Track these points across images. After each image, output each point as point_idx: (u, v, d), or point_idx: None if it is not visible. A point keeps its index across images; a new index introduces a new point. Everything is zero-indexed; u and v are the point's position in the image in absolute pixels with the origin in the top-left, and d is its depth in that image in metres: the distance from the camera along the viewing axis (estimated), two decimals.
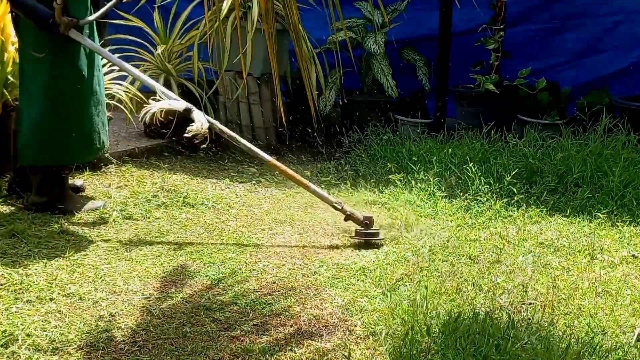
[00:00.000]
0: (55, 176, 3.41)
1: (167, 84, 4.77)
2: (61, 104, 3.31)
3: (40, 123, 3.30)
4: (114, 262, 2.84)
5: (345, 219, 3.17)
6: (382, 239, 3.16)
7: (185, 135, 2.96)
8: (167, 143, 4.76)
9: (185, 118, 4.88)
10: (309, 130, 4.82)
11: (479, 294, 2.57)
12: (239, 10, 2.84)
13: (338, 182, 4.11)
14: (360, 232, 3.14)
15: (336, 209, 3.17)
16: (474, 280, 2.69)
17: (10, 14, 3.30)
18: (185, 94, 4.94)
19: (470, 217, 3.48)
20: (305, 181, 3.26)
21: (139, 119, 3.23)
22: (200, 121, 3.00)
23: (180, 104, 3.11)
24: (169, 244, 3.08)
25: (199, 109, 4.86)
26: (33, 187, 3.42)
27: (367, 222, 3.14)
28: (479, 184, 3.75)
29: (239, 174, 4.27)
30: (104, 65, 3.79)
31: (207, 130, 2.98)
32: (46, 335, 2.23)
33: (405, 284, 2.66)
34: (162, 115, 4.18)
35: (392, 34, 5.03)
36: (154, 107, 3.07)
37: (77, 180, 3.76)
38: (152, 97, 3.16)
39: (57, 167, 3.40)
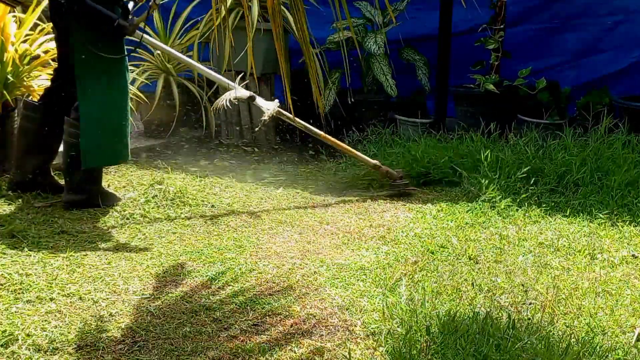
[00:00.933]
0: (96, 175, 3.51)
1: (167, 84, 4.78)
2: (116, 110, 3.44)
3: (101, 128, 3.41)
4: (114, 262, 2.84)
5: (383, 176, 3.95)
6: (414, 188, 3.92)
7: (264, 119, 3.62)
8: (166, 143, 4.77)
9: (183, 118, 4.89)
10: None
11: (479, 294, 2.57)
12: (243, 8, 2.91)
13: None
14: (395, 183, 3.88)
15: (376, 167, 3.91)
16: (473, 280, 2.69)
17: (69, 20, 3.32)
18: (185, 94, 4.95)
19: (471, 217, 3.48)
20: (350, 148, 3.98)
21: (212, 109, 3.76)
22: (268, 107, 3.65)
23: (245, 93, 3.68)
24: (169, 244, 3.08)
25: (199, 108, 4.89)
26: (68, 186, 3.49)
27: (401, 176, 3.91)
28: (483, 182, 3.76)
29: (239, 174, 4.27)
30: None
31: (275, 113, 3.64)
32: (46, 335, 2.23)
33: (405, 284, 2.66)
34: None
35: (392, 34, 5.04)
36: (225, 97, 3.56)
37: None
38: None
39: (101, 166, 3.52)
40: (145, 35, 3.50)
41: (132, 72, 4.56)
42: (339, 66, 5.05)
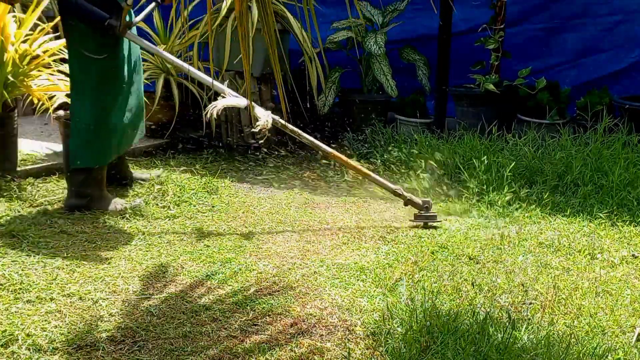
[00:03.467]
0: (98, 178, 3.48)
1: (167, 84, 4.78)
2: (107, 111, 3.41)
3: (90, 128, 3.38)
4: (114, 262, 2.84)
5: (405, 204, 3.39)
6: (440, 220, 3.37)
7: (253, 130, 3.21)
8: (166, 143, 4.76)
9: (183, 118, 4.88)
10: (310, 130, 4.82)
11: (479, 294, 2.57)
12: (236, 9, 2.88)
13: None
14: (420, 215, 3.36)
15: (396, 194, 3.38)
16: (473, 280, 2.69)
17: (62, 19, 3.32)
18: (185, 94, 4.95)
19: (471, 217, 3.48)
20: (366, 170, 3.44)
21: (204, 115, 3.47)
22: (264, 117, 3.21)
23: (242, 101, 3.28)
24: (169, 244, 3.08)
25: (199, 109, 4.88)
26: (70, 190, 3.48)
27: (426, 206, 3.36)
28: (481, 183, 3.75)
29: (239, 174, 4.27)
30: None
31: (270, 125, 3.20)
32: (46, 335, 2.23)
33: (405, 284, 2.66)
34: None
35: (392, 34, 5.04)
36: (219, 104, 3.20)
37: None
38: (220, 95, 3.30)
39: (98, 168, 3.47)
40: (140, 38, 3.44)
41: None
42: (339, 66, 5.06)
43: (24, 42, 3.86)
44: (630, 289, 2.66)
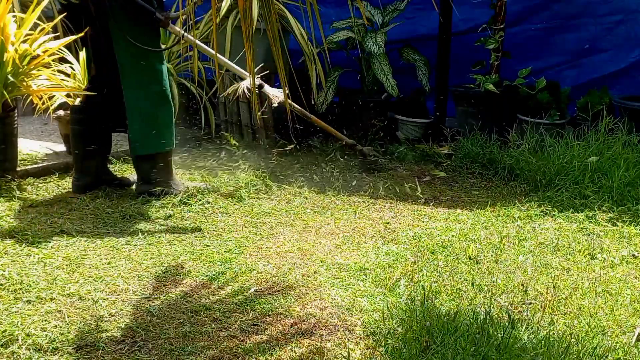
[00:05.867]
0: (163, 165, 3.67)
1: None
2: (158, 99, 3.61)
3: (145, 117, 3.58)
4: (114, 262, 2.84)
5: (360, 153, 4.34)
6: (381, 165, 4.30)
7: (274, 105, 4.07)
8: None
9: (183, 118, 4.87)
10: (310, 130, 4.82)
11: (479, 294, 2.57)
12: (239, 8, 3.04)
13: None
14: (366, 160, 4.25)
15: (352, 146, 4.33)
16: (473, 280, 2.69)
17: (110, 10, 3.45)
18: (185, 94, 4.95)
19: (470, 217, 3.48)
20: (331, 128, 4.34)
21: (225, 93, 4.05)
22: (276, 94, 4.03)
23: (257, 81, 4.01)
24: (169, 244, 3.08)
25: (199, 108, 4.88)
26: (138, 177, 3.68)
27: (372, 154, 4.34)
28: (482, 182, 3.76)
29: (238, 174, 4.27)
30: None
31: (282, 99, 3.93)
32: (46, 335, 2.23)
33: (405, 284, 2.66)
34: None
35: (392, 34, 5.04)
36: (243, 84, 3.97)
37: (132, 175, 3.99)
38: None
39: (162, 153, 3.66)
40: (178, 29, 3.71)
41: None
42: (338, 65, 5.05)
43: (24, 42, 3.86)
44: (630, 288, 2.66)
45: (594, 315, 2.43)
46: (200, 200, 3.65)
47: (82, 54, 4.26)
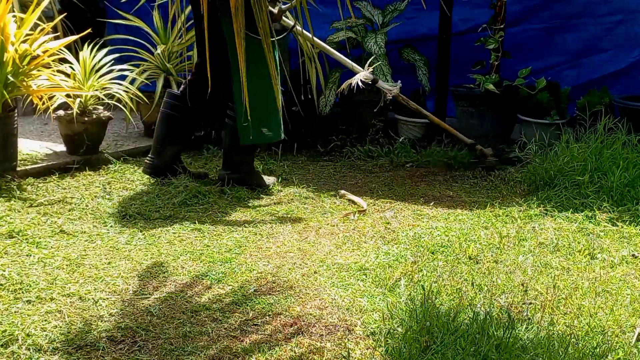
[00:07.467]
0: (252, 157, 3.86)
1: (167, 84, 4.78)
2: (267, 90, 3.54)
3: (254, 107, 3.50)
4: (114, 262, 2.85)
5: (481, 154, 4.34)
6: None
7: (388, 97, 4.27)
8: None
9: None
10: (310, 130, 4.82)
11: (479, 294, 2.57)
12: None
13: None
14: (488, 160, 4.27)
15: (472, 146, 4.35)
16: (473, 280, 2.69)
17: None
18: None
19: (470, 217, 3.48)
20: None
21: (340, 89, 4.25)
22: (390, 88, 4.24)
23: (370, 76, 4.14)
24: (169, 244, 3.08)
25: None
26: (226, 164, 3.85)
27: (492, 153, 4.31)
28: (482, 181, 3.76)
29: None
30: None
31: (397, 93, 4.27)
32: (46, 335, 2.23)
33: (405, 284, 2.66)
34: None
35: (392, 34, 5.03)
36: (356, 78, 4.02)
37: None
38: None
39: (255, 145, 3.84)
40: (290, 22, 3.82)
41: (131, 72, 4.57)
42: (338, 66, 5.05)
43: (24, 42, 3.86)
44: (630, 288, 2.66)
45: (594, 315, 2.43)
46: (200, 200, 3.65)
47: (82, 54, 4.25)
